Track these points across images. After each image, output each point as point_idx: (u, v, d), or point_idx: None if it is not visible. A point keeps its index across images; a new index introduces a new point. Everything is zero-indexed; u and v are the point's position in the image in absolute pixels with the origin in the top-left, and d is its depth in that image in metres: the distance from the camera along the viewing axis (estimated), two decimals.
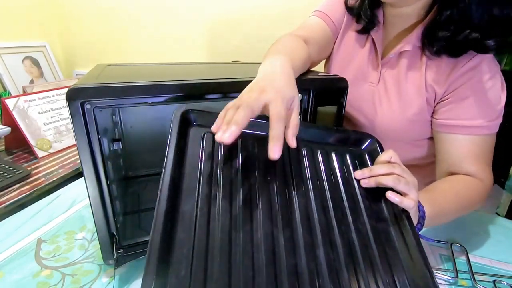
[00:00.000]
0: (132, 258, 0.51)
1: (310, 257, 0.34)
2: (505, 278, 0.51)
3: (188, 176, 0.39)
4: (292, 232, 0.36)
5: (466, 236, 0.61)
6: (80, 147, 0.41)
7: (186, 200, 0.36)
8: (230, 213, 0.36)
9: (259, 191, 0.39)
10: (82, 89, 0.39)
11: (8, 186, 0.80)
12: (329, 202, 0.41)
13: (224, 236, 0.34)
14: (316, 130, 0.49)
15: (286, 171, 0.43)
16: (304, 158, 0.46)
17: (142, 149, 0.76)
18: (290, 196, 0.40)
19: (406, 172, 0.44)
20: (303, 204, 0.40)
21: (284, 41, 0.58)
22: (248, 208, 0.37)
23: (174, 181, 0.36)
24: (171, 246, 0.31)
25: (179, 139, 0.41)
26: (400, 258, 0.37)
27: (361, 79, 0.69)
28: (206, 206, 0.36)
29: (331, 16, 0.69)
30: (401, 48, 0.61)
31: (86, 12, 1.53)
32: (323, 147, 0.48)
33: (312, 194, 0.41)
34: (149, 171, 0.78)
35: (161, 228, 0.31)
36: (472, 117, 0.56)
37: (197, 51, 1.49)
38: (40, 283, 0.48)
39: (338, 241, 0.37)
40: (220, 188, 0.38)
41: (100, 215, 0.46)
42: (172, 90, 0.44)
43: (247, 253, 0.33)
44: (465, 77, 0.56)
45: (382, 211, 0.42)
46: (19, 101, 0.96)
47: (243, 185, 0.39)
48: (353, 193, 0.43)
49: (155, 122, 0.75)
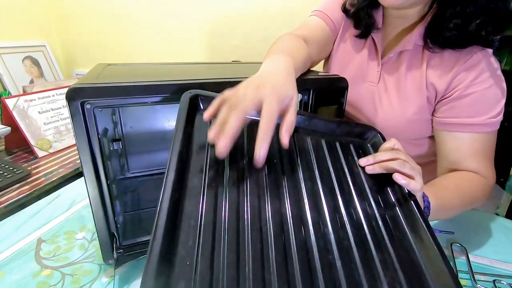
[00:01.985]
0: (132, 258, 0.51)
1: (319, 234, 0.34)
2: (505, 278, 0.51)
3: (195, 155, 0.38)
4: (300, 210, 0.36)
5: (466, 236, 0.61)
6: (80, 147, 0.41)
7: (194, 177, 0.35)
8: (237, 189, 0.36)
9: (266, 173, 0.39)
10: (82, 89, 0.39)
11: (8, 186, 0.80)
12: (335, 186, 0.41)
13: (232, 212, 0.33)
14: (320, 121, 0.48)
15: (292, 156, 0.43)
16: (309, 145, 0.45)
17: (142, 149, 0.76)
18: (297, 178, 0.40)
19: (410, 159, 0.44)
20: (310, 187, 0.39)
21: (285, 41, 0.57)
22: (255, 187, 0.37)
23: (181, 156, 0.35)
24: (179, 218, 0.31)
25: (186, 123, 0.40)
26: (409, 239, 0.36)
27: (361, 79, 0.69)
28: (214, 183, 0.36)
29: (330, 16, 0.69)
30: (402, 48, 0.61)
31: (86, 12, 1.54)
32: (327, 137, 0.48)
33: (318, 178, 0.41)
34: (149, 171, 0.78)
35: (169, 198, 0.31)
36: (474, 114, 0.56)
37: (197, 51, 1.49)
38: (40, 283, 0.48)
39: (347, 221, 0.36)
40: (227, 169, 0.38)
41: (100, 215, 0.46)
42: (172, 90, 0.44)
43: (255, 227, 0.32)
44: (466, 75, 0.56)
45: (389, 196, 0.42)
46: (19, 101, 0.96)
47: (250, 167, 0.39)
48: (359, 180, 0.43)
49: (155, 122, 0.75)
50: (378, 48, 0.65)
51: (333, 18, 0.70)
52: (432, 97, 0.60)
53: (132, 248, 0.51)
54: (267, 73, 0.41)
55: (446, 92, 0.59)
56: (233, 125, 0.34)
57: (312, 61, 0.66)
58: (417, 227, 0.37)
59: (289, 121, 0.37)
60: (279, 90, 0.38)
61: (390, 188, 0.42)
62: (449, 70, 0.57)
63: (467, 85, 0.56)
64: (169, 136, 0.77)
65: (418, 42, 0.60)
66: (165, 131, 0.77)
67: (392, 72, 0.64)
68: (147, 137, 0.75)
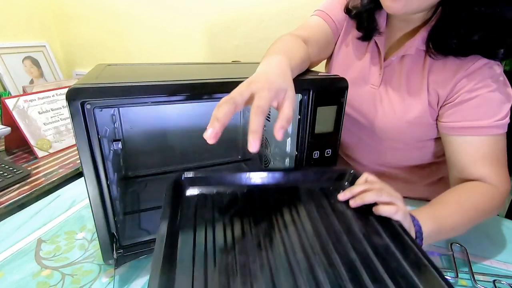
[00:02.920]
0: (132, 258, 0.51)
1: (310, 278, 0.35)
2: (505, 278, 0.51)
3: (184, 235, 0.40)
4: (289, 259, 0.37)
5: (466, 236, 0.61)
6: (80, 147, 0.41)
7: (183, 248, 0.38)
8: (225, 243, 0.39)
9: (252, 225, 0.42)
10: (82, 89, 0.39)
11: (8, 186, 0.80)
12: (321, 228, 0.43)
13: (222, 269, 0.35)
14: (297, 173, 0.53)
15: (276, 210, 0.46)
16: (292, 195, 0.49)
17: (142, 149, 0.76)
18: (283, 229, 0.42)
19: (387, 187, 0.45)
20: (296, 234, 0.41)
21: (283, 41, 0.58)
22: (242, 240, 0.40)
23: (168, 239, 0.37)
24: None
25: (172, 207, 0.43)
26: (404, 267, 0.36)
27: (362, 81, 0.69)
28: (203, 247, 0.38)
29: (332, 16, 0.69)
30: (404, 52, 0.61)
31: (86, 12, 1.53)
32: (307, 185, 0.51)
33: (303, 224, 0.43)
34: (149, 171, 0.79)
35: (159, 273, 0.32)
36: (480, 117, 0.55)
37: (197, 51, 1.49)
38: (40, 283, 0.48)
39: (337, 261, 0.37)
40: (214, 230, 0.41)
41: (100, 215, 0.45)
42: (172, 90, 0.44)
43: (246, 282, 0.33)
44: (470, 78, 0.55)
45: (376, 228, 0.42)
46: (19, 101, 0.96)
47: (237, 223, 0.43)
48: (344, 217, 0.45)
49: (155, 122, 0.75)
50: (380, 51, 0.65)
51: (335, 19, 0.69)
52: (435, 101, 0.60)
53: (132, 248, 0.51)
54: (260, 72, 0.41)
55: (448, 97, 0.58)
56: (223, 111, 0.35)
57: (313, 62, 0.66)
58: (409, 253, 0.37)
59: (284, 116, 0.36)
60: (271, 83, 0.38)
61: (377, 221, 0.43)
62: (452, 75, 0.57)
63: (470, 89, 0.55)
64: (169, 136, 0.78)
65: (420, 47, 0.59)
66: (165, 131, 0.77)
67: (393, 75, 0.64)
68: (147, 137, 0.76)
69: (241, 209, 0.46)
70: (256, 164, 0.80)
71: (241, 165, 0.87)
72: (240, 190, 0.49)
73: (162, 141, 0.78)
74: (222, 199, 0.47)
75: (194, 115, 0.79)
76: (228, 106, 0.35)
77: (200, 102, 0.74)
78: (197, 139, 0.81)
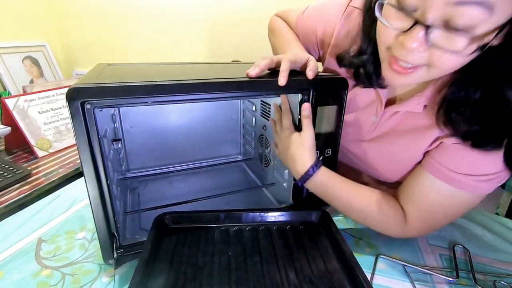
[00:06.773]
0: (132, 258, 0.51)
1: None
2: (505, 278, 0.51)
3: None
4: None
5: (466, 236, 0.61)
6: (80, 147, 0.41)
7: None
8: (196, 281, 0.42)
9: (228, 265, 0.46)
10: (82, 89, 0.39)
11: (8, 186, 0.80)
12: (292, 270, 0.45)
13: None
14: (274, 213, 0.56)
15: (251, 249, 0.49)
16: (265, 236, 0.52)
17: (142, 149, 0.76)
18: (258, 267, 0.46)
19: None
20: (271, 274, 0.44)
21: (288, 31, 0.70)
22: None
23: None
24: None
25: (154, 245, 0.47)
26: None
27: (356, 132, 0.62)
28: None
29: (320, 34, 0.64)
30: (406, 108, 0.53)
31: (86, 12, 1.53)
32: (280, 226, 0.55)
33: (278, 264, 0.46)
34: (149, 171, 0.79)
35: None
36: (460, 169, 0.47)
37: (197, 51, 1.49)
38: (40, 283, 0.48)
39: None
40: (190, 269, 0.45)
41: (100, 215, 0.46)
42: (172, 90, 0.44)
43: None
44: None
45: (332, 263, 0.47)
46: (19, 101, 0.96)
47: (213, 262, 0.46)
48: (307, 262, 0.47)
49: (155, 122, 0.75)
50: (382, 100, 0.56)
51: (319, 42, 0.65)
52: (430, 147, 0.52)
53: (132, 248, 0.51)
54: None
55: (443, 137, 0.50)
56: (263, 62, 0.50)
57: None
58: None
59: (311, 66, 0.52)
60: (295, 54, 0.54)
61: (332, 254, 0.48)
62: None
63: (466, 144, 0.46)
64: (169, 136, 0.78)
65: (426, 103, 0.51)
66: (165, 131, 0.77)
67: (391, 125, 0.57)
68: (147, 137, 0.76)
69: (219, 248, 0.49)
70: (256, 163, 0.80)
71: (241, 165, 0.87)
72: (218, 230, 0.53)
73: (162, 141, 0.78)
74: (200, 238, 0.51)
75: (194, 115, 0.79)
76: (266, 60, 0.50)
77: (200, 102, 0.75)
78: (197, 139, 0.81)
